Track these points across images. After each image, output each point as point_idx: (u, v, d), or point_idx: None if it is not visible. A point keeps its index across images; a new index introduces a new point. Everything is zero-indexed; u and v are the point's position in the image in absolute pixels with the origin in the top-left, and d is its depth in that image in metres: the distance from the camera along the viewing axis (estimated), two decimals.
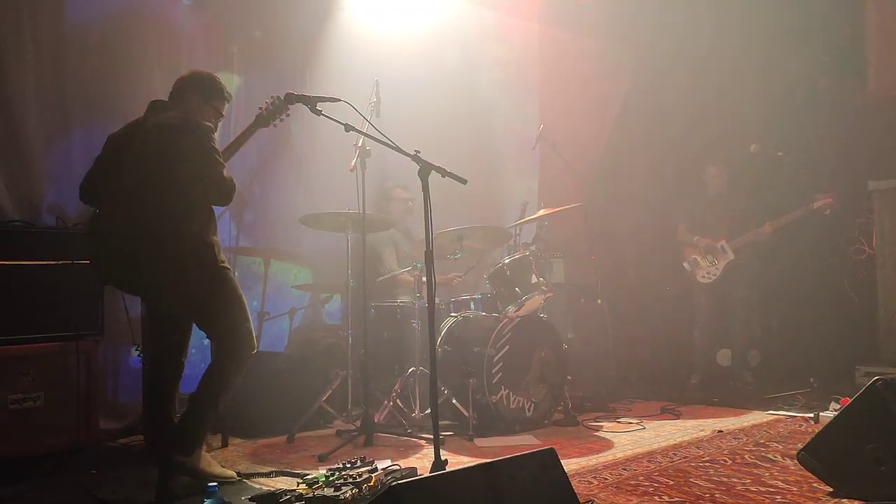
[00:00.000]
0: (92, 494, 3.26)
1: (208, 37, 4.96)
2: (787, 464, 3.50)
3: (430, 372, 3.23)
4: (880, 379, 2.90)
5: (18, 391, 3.77)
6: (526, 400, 4.50)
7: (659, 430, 4.43)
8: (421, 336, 4.56)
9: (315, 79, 5.29)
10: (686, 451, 3.85)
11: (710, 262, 5.94)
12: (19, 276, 3.83)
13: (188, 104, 3.44)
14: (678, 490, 3.13)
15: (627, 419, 4.72)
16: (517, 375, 4.47)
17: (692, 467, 3.50)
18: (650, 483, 3.25)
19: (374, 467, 3.08)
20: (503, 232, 4.97)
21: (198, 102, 3.46)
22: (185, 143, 3.26)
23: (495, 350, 4.39)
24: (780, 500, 2.96)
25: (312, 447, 4.13)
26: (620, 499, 3.03)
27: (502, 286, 4.80)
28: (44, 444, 3.80)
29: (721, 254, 5.91)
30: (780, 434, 4.18)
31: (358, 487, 2.85)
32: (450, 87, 6.05)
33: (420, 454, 3.95)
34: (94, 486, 3.37)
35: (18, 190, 4.22)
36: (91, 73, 4.52)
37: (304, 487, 2.93)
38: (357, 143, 4.20)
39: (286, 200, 5.29)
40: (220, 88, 3.55)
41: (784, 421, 4.56)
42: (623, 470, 3.50)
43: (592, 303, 6.10)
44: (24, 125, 4.24)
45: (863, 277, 6.22)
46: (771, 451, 3.78)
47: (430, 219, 3.13)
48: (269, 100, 3.62)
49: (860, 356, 5.89)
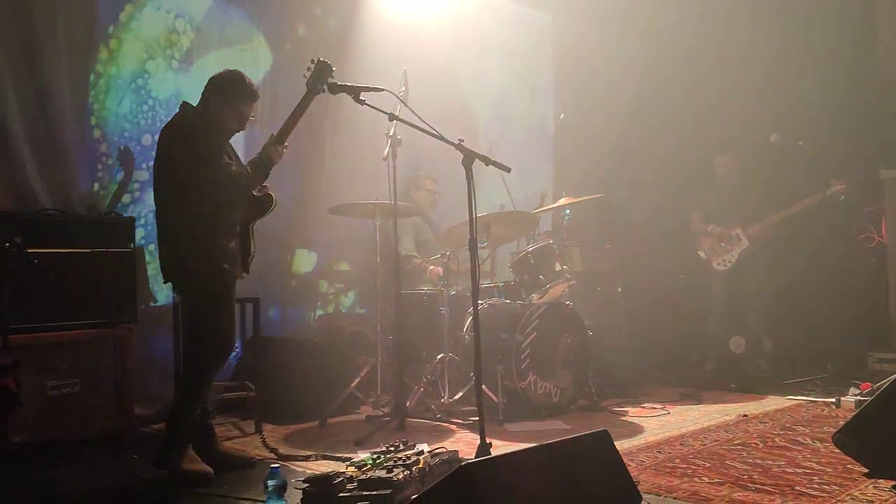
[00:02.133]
0: (138, 476, 3.31)
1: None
2: (817, 446, 3.59)
3: (475, 355, 3.33)
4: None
5: (56, 377, 3.82)
6: (553, 386, 4.57)
7: (684, 414, 4.51)
8: (449, 323, 4.62)
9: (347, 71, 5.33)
10: (716, 434, 3.93)
11: (726, 249, 6.01)
12: (55, 264, 3.85)
13: (208, 106, 3.42)
14: (716, 472, 3.21)
15: (651, 404, 4.80)
16: (544, 361, 4.54)
17: (725, 450, 3.58)
18: (687, 465, 3.32)
19: (420, 450, 3.13)
20: (531, 218, 5.00)
21: (218, 104, 3.41)
22: (175, 147, 3.32)
23: (523, 336, 4.45)
24: (818, 480, 3.04)
25: (345, 432, 4.19)
26: (662, 480, 3.10)
27: (526, 274, 4.86)
28: (81, 430, 3.86)
29: (736, 241, 5.98)
30: (804, 418, 4.27)
31: (408, 469, 2.90)
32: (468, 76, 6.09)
33: (453, 438, 4.02)
34: (139, 469, 3.42)
35: (52, 179, 4.24)
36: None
37: (353, 469, 2.98)
38: (389, 132, 4.23)
39: (311, 189, 5.32)
40: (243, 89, 3.44)
41: (805, 406, 4.65)
42: (658, 453, 3.57)
43: (608, 290, 6.18)
44: (57, 114, 4.25)
45: (873, 265, 6.31)
46: (799, 434, 3.86)
47: (475, 206, 3.17)
48: (310, 65, 3.53)
49: (872, 343, 5.98)
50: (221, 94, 3.42)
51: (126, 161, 4.57)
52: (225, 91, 3.42)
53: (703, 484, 3.04)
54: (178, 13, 4.84)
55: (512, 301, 4.89)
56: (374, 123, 4.16)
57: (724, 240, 6.02)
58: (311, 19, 5.48)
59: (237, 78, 3.47)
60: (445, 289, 4.66)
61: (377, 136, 4.42)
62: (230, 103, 3.42)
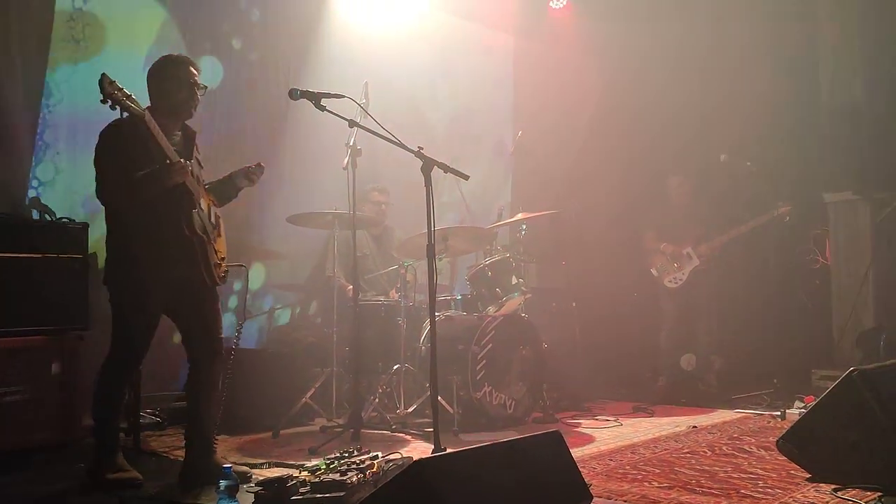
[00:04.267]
0: (86, 484, 3.24)
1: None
2: (762, 454, 3.68)
3: (430, 364, 3.34)
4: (856, 369, 3.09)
5: (2, 384, 3.71)
6: (508, 397, 4.61)
7: (636, 426, 4.59)
8: (406, 334, 4.63)
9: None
10: (666, 444, 4.01)
11: (677, 267, 6.15)
12: (5, 269, 3.78)
13: (151, 98, 3.33)
14: (665, 477, 3.28)
15: (604, 417, 4.87)
16: (500, 373, 4.58)
17: (674, 458, 3.65)
18: (637, 472, 3.39)
19: (374, 455, 3.13)
20: (488, 233, 5.07)
21: (157, 90, 3.32)
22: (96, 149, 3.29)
23: (479, 347, 4.49)
24: (762, 484, 3.13)
25: (299, 442, 4.17)
26: (613, 485, 3.16)
27: (483, 287, 4.91)
28: (27, 438, 3.75)
29: (687, 259, 6.11)
30: (751, 429, 4.38)
31: (362, 473, 2.91)
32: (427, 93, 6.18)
33: (408, 448, 4.02)
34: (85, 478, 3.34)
35: (2, 182, 4.17)
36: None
37: (306, 474, 2.97)
38: (349, 142, 4.27)
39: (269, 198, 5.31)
40: (169, 62, 3.36)
41: (752, 418, 4.77)
42: (609, 461, 3.63)
43: (564, 306, 6.26)
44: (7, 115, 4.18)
45: (818, 286, 6.52)
46: (745, 443, 3.96)
47: (433, 214, 3.22)
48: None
49: (816, 360, 6.16)
50: (156, 79, 3.34)
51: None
52: (155, 73, 3.35)
53: (652, 488, 3.10)
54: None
55: (469, 313, 4.93)
56: (338, 133, 4.21)
57: (676, 258, 6.16)
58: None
59: (161, 62, 3.40)
60: (402, 300, 4.68)
61: (339, 147, 4.45)
62: (165, 79, 3.33)
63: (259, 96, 4.58)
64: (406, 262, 4.65)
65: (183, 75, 3.35)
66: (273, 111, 5.24)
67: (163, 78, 3.34)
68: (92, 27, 4.64)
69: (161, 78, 3.34)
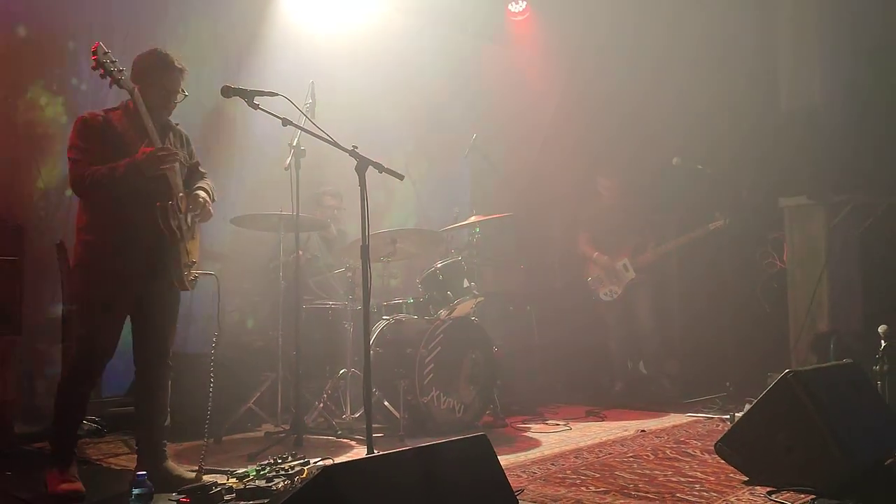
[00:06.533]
0: (12, 495, 3.13)
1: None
2: (705, 458, 3.66)
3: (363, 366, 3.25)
4: (791, 371, 3.08)
5: None
6: (456, 401, 4.55)
7: (585, 430, 4.56)
8: (353, 338, 4.57)
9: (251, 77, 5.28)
10: (611, 448, 3.98)
11: (611, 281, 6.08)
12: None
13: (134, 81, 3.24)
14: (604, 482, 3.24)
15: (554, 421, 4.84)
16: (448, 377, 4.52)
17: (617, 462, 3.62)
18: (577, 476, 3.35)
19: (306, 461, 3.07)
20: (437, 236, 5.02)
21: (139, 82, 3.24)
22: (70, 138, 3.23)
23: (427, 351, 4.43)
24: (699, 488, 3.10)
25: (241, 448, 4.09)
26: (549, 490, 3.11)
27: (435, 290, 4.85)
28: None
29: (623, 272, 6.04)
30: (698, 433, 4.37)
31: (290, 479, 2.84)
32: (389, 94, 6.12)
33: (351, 454, 3.96)
34: (13, 487, 3.24)
35: None
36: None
37: (234, 481, 2.90)
38: (292, 142, 4.20)
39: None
40: (159, 64, 3.29)
41: (702, 422, 4.76)
42: (551, 465, 3.59)
43: (520, 310, 6.23)
44: None
45: (775, 289, 6.54)
46: (690, 447, 3.94)
47: (368, 215, 3.16)
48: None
49: (772, 363, 6.16)
50: (142, 76, 3.28)
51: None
52: (144, 72, 3.29)
53: (588, 493, 3.06)
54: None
55: (420, 317, 4.87)
56: (286, 135, 4.13)
57: (610, 272, 6.07)
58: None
59: (153, 56, 3.33)
60: (350, 303, 4.62)
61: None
62: (152, 83, 3.27)
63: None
64: (351, 264, 4.58)
65: (168, 85, 3.30)
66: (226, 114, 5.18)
67: (148, 80, 3.26)
68: None
69: (146, 78, 3.26)
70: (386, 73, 6.27)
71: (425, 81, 6.60)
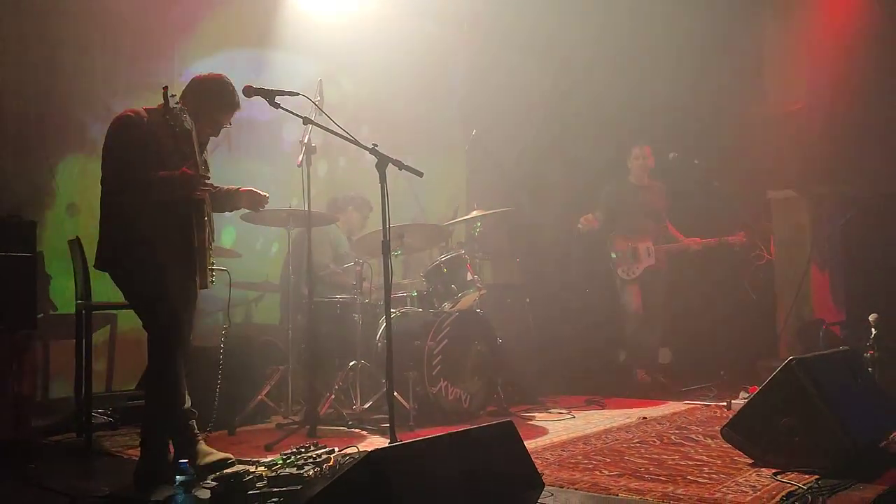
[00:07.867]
0: (38, 485, 3.20)
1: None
2: (708, 443, 3.81)
3: (386, 354, 3.38)
4: (794, 358, 3.23)
5: None
6: (463, 392, 4.67)
7: (588, 418, 4.70)
8: (362, 330, 4.66)
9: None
10: (617, 434, 4.12)
11: (633, 260, 6.18)
12: None
13: (185, 103, 3.23)
14: (616, 466, 3.37)
15: (557, 410, 4.97)
16: (455, 368, 4.64)
17: (625, 448, 3.75)
18: (589, 461, 3.48)
19: (331, 449, 3.16)
20: (442, 230, 5.12)
21: (194, 107, 3.27)
22: (106, 142, 3.26)
23: (435, 343, 4.54)
24: (708, 470, 3.24)
25: (255, 439, 4.17)
26: (565, 474, 3.24)
27: (438, 283, 4.95)
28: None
29: (645, 256, 6.15)
30: (698, 419, 4.52)
31: (319, 467, 2.93)
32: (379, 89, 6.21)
33: (365, 444, 4.05)
34: (38, 478, 3.30)
35: None
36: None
37: (263, 469, 2.98)
38: (303, 139, 4.27)
39: None
40: (223, 100, 3.35)
41: (700, 409, 4.92)
42: (562, 451, 3.71)
43: (518, 302, 6.34)
44: None
45: (763, 280, 6.72)
46: (693, 433, 4.09)
47: (388, 211, 3.26)
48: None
49: (761, 352, 6.36)
50: (199, 100, 3.31)
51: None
52: (203, 97, 3.33)
53: (603, 476, 3.19)
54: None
55: (425, 309, 4.97)
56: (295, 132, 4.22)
57: (633, 254, 6.18)
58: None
59: (219, 87, 3.36)
60: (359, 297, 4.71)
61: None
62: (207, 112, 3.32)
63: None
64: (360, 259, 4.67)
65: (222, 120, 3.37)
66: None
67: (205, 109, 3.31)
68: None
69: (203, 107, 3.31)
70: (383, 68, 6.35)
71: (418, 76, 6.68)
